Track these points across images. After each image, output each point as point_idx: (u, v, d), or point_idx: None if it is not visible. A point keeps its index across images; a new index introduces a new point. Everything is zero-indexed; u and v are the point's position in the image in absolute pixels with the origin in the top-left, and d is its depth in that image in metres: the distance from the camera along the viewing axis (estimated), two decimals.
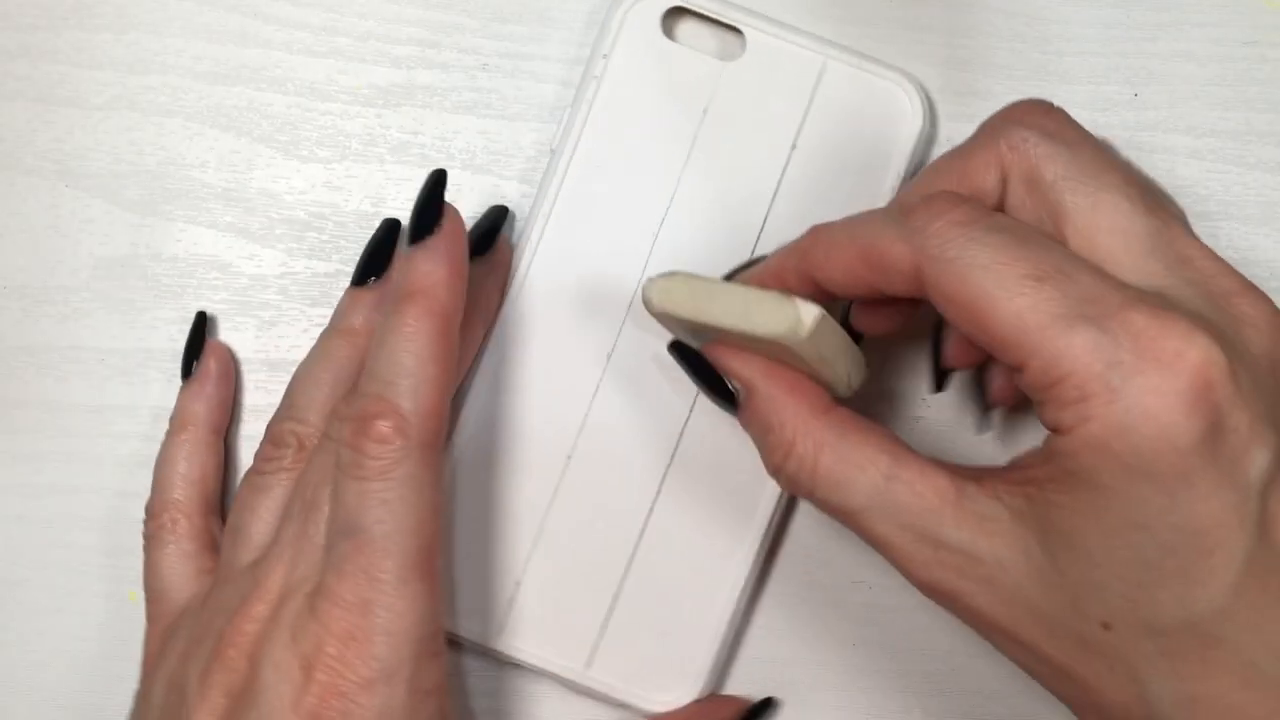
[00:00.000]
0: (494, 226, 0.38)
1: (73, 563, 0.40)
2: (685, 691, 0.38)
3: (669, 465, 0.38)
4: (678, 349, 0.34)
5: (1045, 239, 0.30)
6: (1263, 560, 0.28)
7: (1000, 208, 0.32)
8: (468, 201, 0.40)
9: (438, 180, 0.35)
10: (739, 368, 0.33)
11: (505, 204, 0.39)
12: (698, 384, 0.34)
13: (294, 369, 0.38)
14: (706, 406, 0.38)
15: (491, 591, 0.38)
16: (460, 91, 0.40)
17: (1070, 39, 0.40)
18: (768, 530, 0.38)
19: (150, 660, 0.36)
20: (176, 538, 0.37)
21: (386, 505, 0.32)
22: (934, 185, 0.33)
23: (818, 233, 0.33)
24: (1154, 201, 0.31)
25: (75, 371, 0.40)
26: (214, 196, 0.40)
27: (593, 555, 0.38)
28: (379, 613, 0.32)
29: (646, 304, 0.34)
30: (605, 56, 0.38)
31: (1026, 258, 0.29)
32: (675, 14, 0.39)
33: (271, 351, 0.40)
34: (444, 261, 0.34)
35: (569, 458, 0.38)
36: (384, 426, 0.32)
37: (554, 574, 0.38)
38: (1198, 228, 0.39)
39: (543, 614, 0.38)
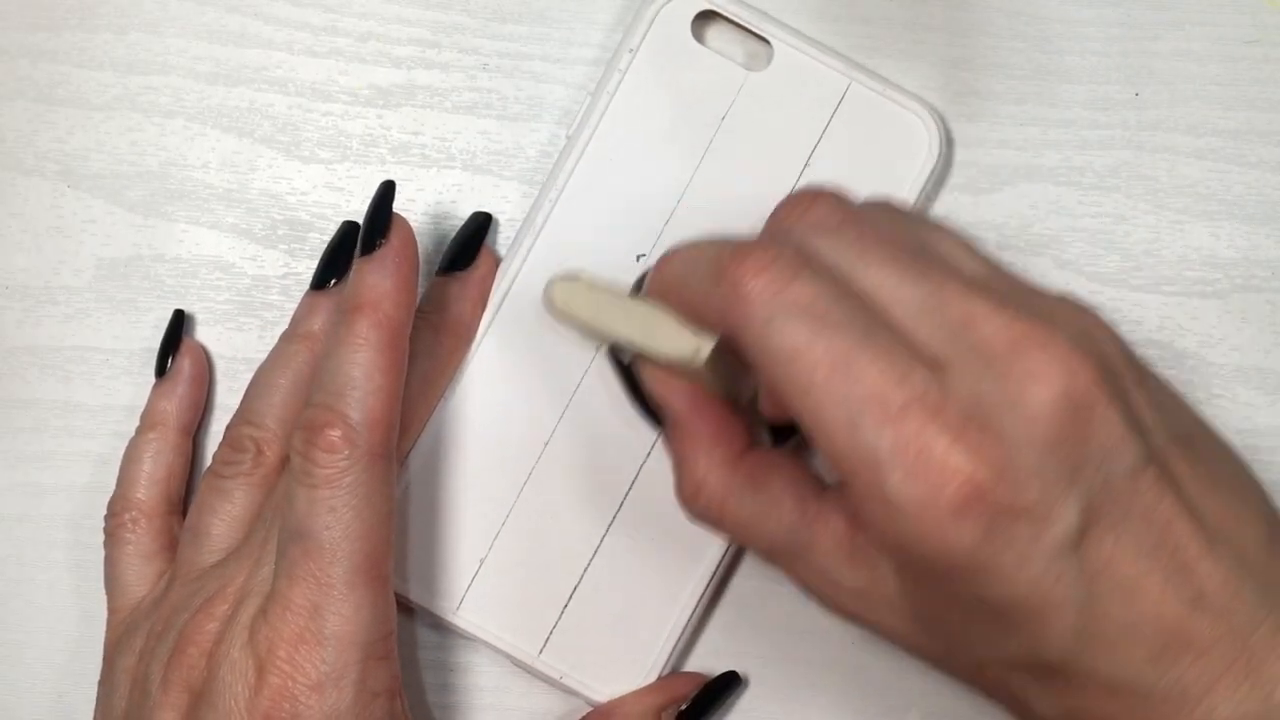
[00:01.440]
0: (475, 236, 0.39)
1: (76, 562, 0.40)
2: (634, 686, 0.38)
3: (642, 464, 0.38)
4: (613, 358, 0.35)
5: (848, 310, 0.30)
6: (1098, 598, 0.29)
7: None
8: (468, 202, 0.40)
9: (386, 192, 0.36)
10: (665, 395, 0.34)
11: (489, 211, 0.39)
12: (627, 396, 0.35)
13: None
14: None
15: (455, 566, 0.38)
16: (460, 92, 0.40)
17: (1071, 38, 0.40)
18: (733, 542, 0.38)
19: (109, 655, 0.37)
20: (136, 536, 0.38)
21: (334, 513, 0.33)
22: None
23: (661, 267, 0.34)
24: (923, 264, 0.31)
25: (78, 372, 0.40)
26: (216, 197, 0.40)
27: (559, 543, 0.38)
28: (327, 617, 0.33)
29: (547, 304, 0.35)
30: (632, 51, 0.38)
31: (819, 347, 0.29)
32: (706, 17, 0.39)
33: None
34: (391, 274, 0.35)
35: (546, 444, 0.38)
36: (332, 436, 0.33)
37: (519, 557, 0.38)
38: (1199, 227, 0.40)
39: (503, 594, 0.38)
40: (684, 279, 0.32)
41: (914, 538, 0.29)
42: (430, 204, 0.40)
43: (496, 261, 0.39)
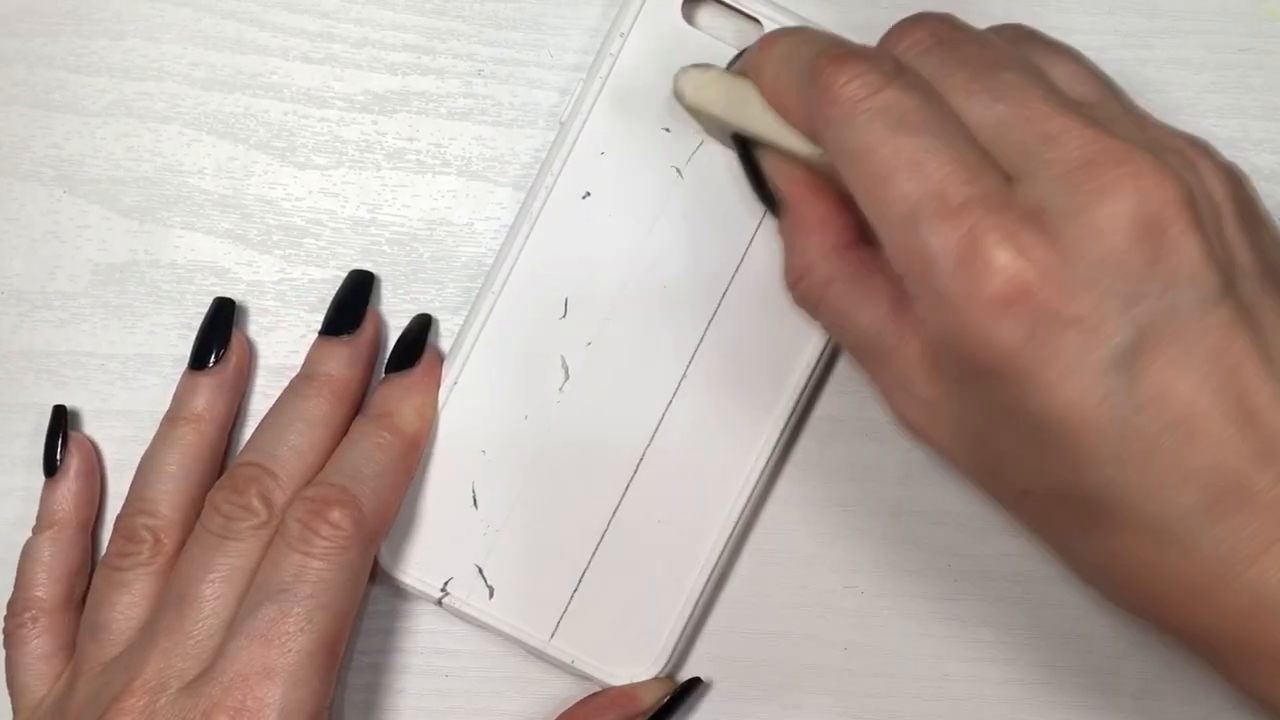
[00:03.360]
0: (419, 338, 0.39)
1: None
2: (646, 668, 0.38)
3: (645, 450, 0.38)
4: (741, 143, 0.35)
5: (929, 117, 0.30)
6: (1148, 429, 0.28)
7: None
8: (463, 208, 0.40)
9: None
10: (782, 183, 0.34)
11: (429, 312, 0.40)
12: (749, 183, 0.36)
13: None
14: (688, 387, 0.38)
15: (465, 554, 0.38)
16: (455, 98, 0.40)
17: None
18: (738, 522, 0.38)
19: None
20: (38, 634, 0.37)
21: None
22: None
23: (760, 53, 0.34)
24: (1016, 84, 0.30)
25: (74, 377, 0.40)
26: (211, 203, 0.40)
27: (567, 527, 0.38)
28: (278, 682, 0.33)
29: (678, 94, 0.35)
30: (623, 35, 0.38)
31: (891, 145, 0.29)
32: None
33: (270, 357, 0.40)
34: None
35: (550, 433, 0.38)
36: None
37: (527, 543, 0.38)
38: None
39: (513, 581, 0.38)
40: (779, 72, 0.33)
41: (957, 333, 0.28)
42: (425, 210, 0.40)
43: (440, 358, 0.39)
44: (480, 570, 0.38)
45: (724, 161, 0.38)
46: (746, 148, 0.35)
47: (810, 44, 0.32)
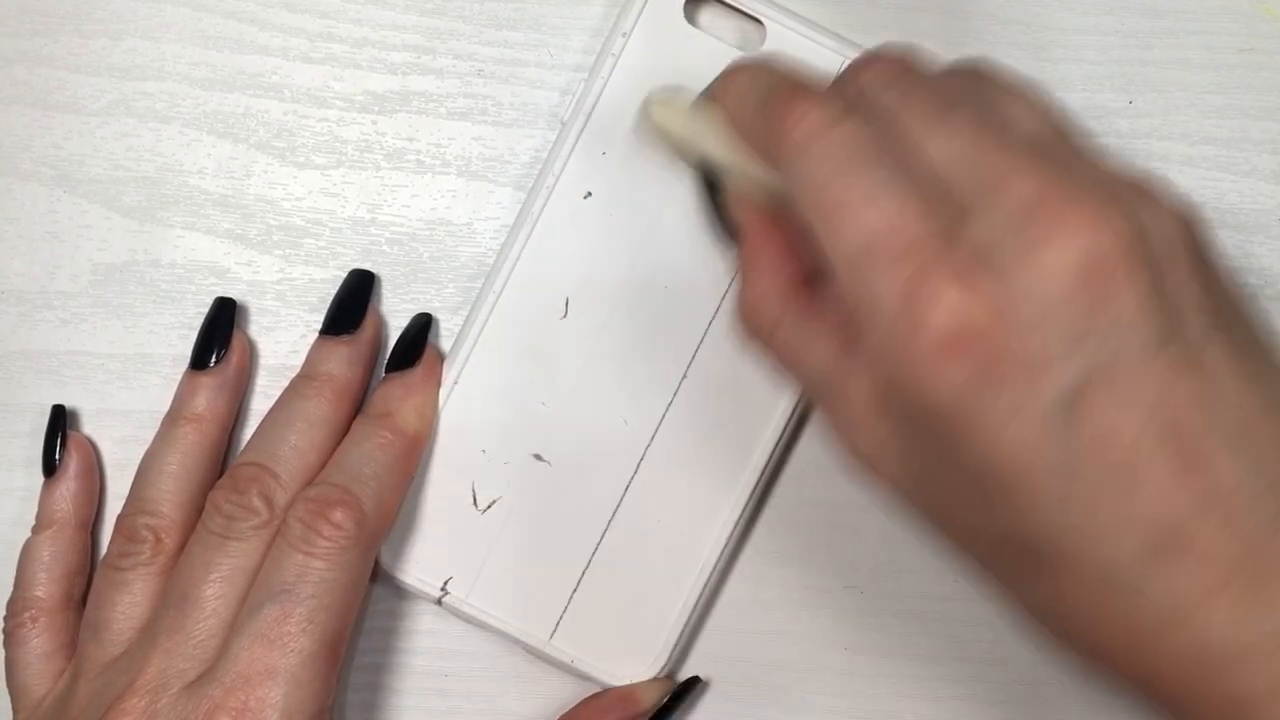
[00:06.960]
0: (419, 338, 0.39)
1: None
2: (646, 668, 0.38)
3: (645, 450, 0.38)
4: (703, 178, 0.35)
5: (883, 154, 0.29)
6: (1090, 476, 0.27)
7: None
8: (462, 208, 0.40)
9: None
10: (741, 214, 0.34)
11: (429, 312, 0.40)
12: (706, 211, 0.35)
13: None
14: (688, 387, 0.38)
15: (465, 553, 0.38)
16: (455, 98, 0.40)
17: (1066, 46, 0.40)
18: (739, 521, 0.38)
19: None
20: (37, 634, 0.37)
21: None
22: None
23: (725, 81, 0.33)
24: (971, 120, 0.30)
25: (73, 376, 0.40)
26: (211, 203, 0.40)
27: (566, 527, 0.38)
28: (280, 683, 0.33)
29: (643, 122, 0.35)
30: (625, 35, 0.38)
31: (842, 181, 0.29)
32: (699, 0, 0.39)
33: (270, 357, 0.40)
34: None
35: (550, 433, 0.38)
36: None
37: (527, 542, 0.38)
38: None
39: (513, 581, 0.38)
40: (741, 100, 0.33)
41: (902, 375, 0.28)
42: (425, 210, 0.40)
43: (440, 358, 0.39)
44: (480, 570, 0.38)
45: None
46: (707, 177, 0.35)
47: (772, 74, 0.32)
